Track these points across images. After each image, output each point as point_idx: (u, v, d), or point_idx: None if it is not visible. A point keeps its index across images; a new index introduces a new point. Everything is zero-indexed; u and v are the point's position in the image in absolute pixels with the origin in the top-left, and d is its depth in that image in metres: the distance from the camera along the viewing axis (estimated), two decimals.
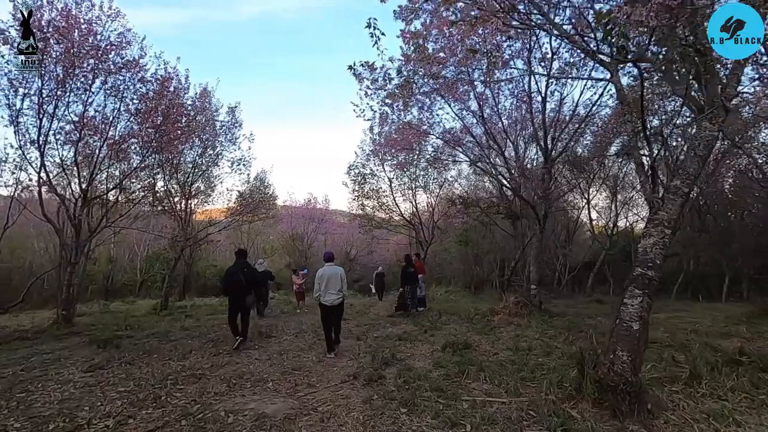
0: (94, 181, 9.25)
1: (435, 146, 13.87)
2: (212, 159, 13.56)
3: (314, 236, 28.65)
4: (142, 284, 23.22)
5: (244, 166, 14.17)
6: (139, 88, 8.83)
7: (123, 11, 8.34)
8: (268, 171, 24.56)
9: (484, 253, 20.87)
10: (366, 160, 17.58)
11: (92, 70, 8.09)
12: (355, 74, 6.10)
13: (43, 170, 8.23)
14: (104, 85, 8.43)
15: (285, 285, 20.75)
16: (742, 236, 15.67)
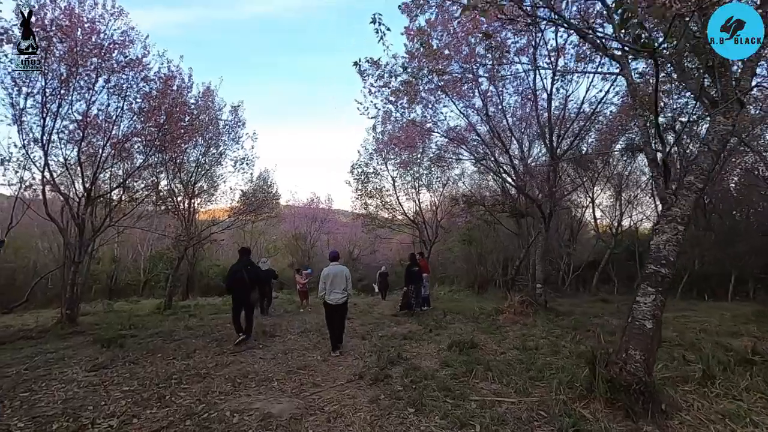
0: (97, 180, 9.24)
1: (438, 144, 13.79)
2: (215, 158, 13.58)
3: (317, 236, 28.61)
4: (145, 284, 23.25)
5: (247, 165, 14.17)
6: (143, 86, 8.81)
7: (126, 10, 8.35)
8: (271, 170, 24.54)
9: (487, 253, 20.73)
10: (369, 159, 17.55)
11: (95, 69, 8.08)
12: (360, 71, 6.04)
13: (46, 169, 8.23)
14: (107, 84, 8.42)
15: (288, 284, 20.72)
16: (748, 235, 15.50)
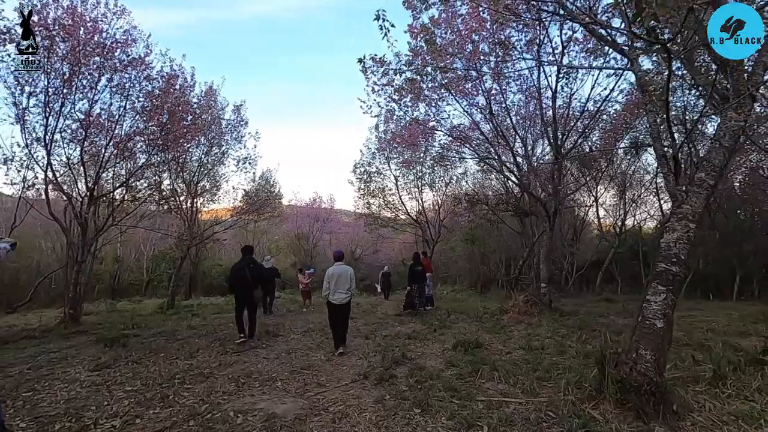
0: (100, 180, 9.23)
1: (442, 143, 13.72)
2: (218, 157, 13.56)
3: (319, 235, 28.60)
4: (148, 283, 23.29)
5: (249, 164, 14.19)
6: (145, 85, 8.80)
7: (128, 9, 8.33)
8: (273, 170, 24.44)
9: (490, 252, 20.65)
10: (372, 158, 17.52)
11: (98, 68, 8.07)
12: (364, 67, 5.98)
13: (49, 169, 8.22)
14: (110, 83, 8.40)
15: (291, 284, 20.69)
16: (753, 234, 15.38)
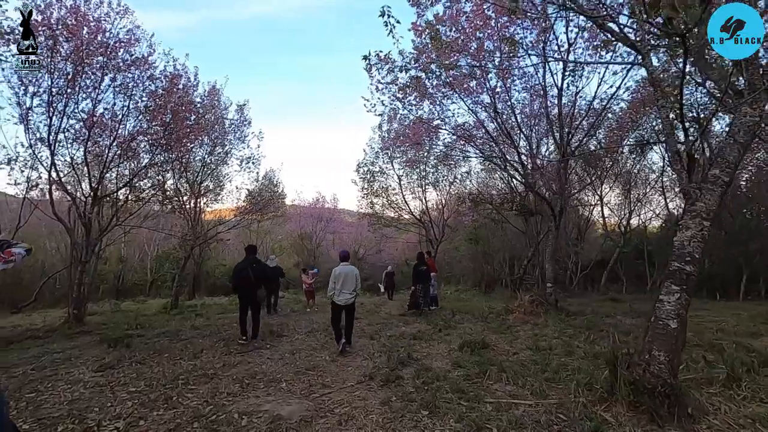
0: (104, 180, 9.21)
1: (446, 142, 13.63)
2: (221, 157, 13.54)
3: (322, 235, 28.56)
4: (152, 283, 23.31)
5: (253, 164, 14.15)
6: (148, 85, 8.78)
7: (131, 9, 8.30)
8: (277, 169, 24.50)
9: (494, 252, 20.55)
10: (375, 158, 17.45)
11: (101, 68, 8.05)
12: (369, 64, 5.91)
13: (53, 169, 8.21)
14: (113, 83, 8.38)
15: (294, 284, 20.66)
16: (759, 234, 15.20)
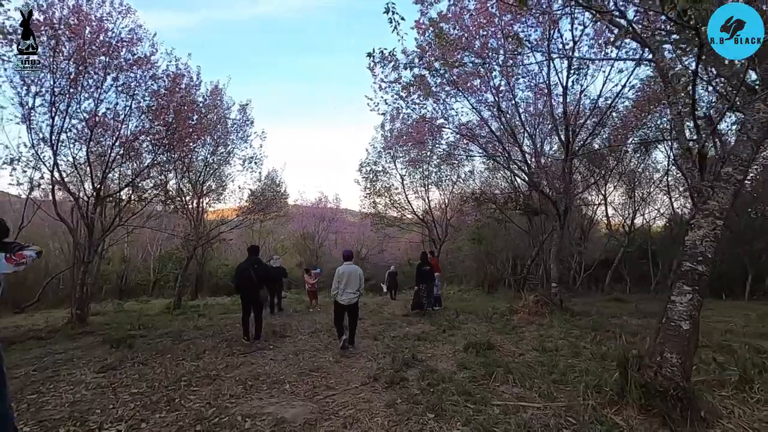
0: (106, 180, 9.19)
1: (449, 142, 13.56)
2: (224, 157, 13.52)
3: (325, 235, 28.52)
4: (155, 284, 23.33)
5: (255, 164, 14.11)
6: (151, 84, 8.74)
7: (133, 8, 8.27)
8: (279, 169, 24.59)
9: (497, 251, 20.44)
10: (378, 157, 17.41)
11: (104, 67, 8.02)
12: (373, 61, 5.85)
13: (56, 169, 8.18)
14: (116, 83, 8.35)
15: (297, 284, 20.62)
16: (765, 233, 15.06)
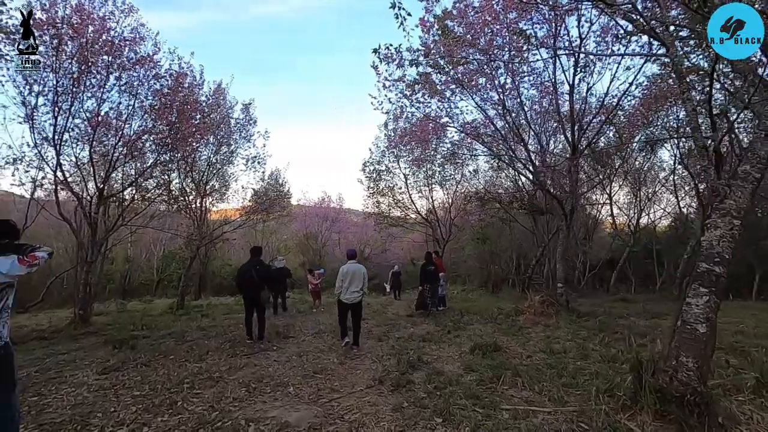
0: (109, 180, 9.17)
1: (453, 141, 13.45)
2: (227, 157, 13.48)
3: (328, 235, 28.48)
4: (158, 283, 23.36)
5: (258, 163, 14.05)
6: (153, 84, 8.70)
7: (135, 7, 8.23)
8: (283, 169, 24.58)
9: (501, 251, 20.34)
10: (381, 157, 17.32)
11: (106, 67, 7.98)
12: (379, 57, 5.77)
13: (59, 169, 8.16)
14: (118, 82, 8.32)
15: (300, 284, 20.57)
16: None
